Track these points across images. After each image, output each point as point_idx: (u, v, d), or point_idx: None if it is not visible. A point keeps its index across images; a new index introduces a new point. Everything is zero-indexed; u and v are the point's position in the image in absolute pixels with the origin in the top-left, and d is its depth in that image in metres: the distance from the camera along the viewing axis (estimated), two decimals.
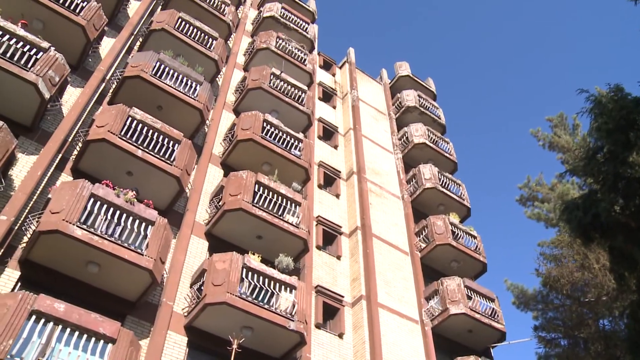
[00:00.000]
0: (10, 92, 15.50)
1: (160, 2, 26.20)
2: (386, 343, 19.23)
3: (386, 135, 30.62)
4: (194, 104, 19.37)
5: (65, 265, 14.13)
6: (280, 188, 18.94)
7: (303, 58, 27.49)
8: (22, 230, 14.24)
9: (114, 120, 16.58)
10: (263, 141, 20.49)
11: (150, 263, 14.18)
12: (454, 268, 24.26)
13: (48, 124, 16.87)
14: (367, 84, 33.81)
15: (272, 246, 18.31)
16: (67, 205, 13.74)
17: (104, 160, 16.57)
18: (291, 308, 16.09)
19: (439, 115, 33.57)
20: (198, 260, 17.19)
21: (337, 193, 24.66)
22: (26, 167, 15.37)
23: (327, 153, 26.49)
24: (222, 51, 23.38)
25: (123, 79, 19.03)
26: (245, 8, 31.18)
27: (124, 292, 14.81)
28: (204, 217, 18.54)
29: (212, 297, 15.08)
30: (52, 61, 16.26)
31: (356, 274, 21.30)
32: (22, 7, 17.85)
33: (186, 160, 17.37)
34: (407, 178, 27.99)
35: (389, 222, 24.79)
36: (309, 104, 24.56)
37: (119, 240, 14.09)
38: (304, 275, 19.19)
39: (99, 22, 19.50)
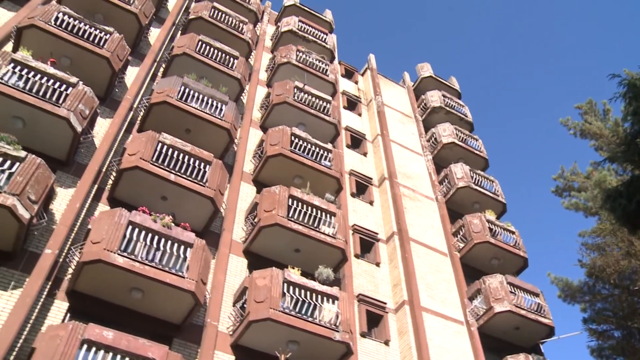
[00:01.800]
0: (45, 128, 15.90)
1: (179, 27, 26.65)
2: (433, 347, 19.05)
3: (414, 138, 30.51)
4: (221, 124, 19.57)
5: (110, 293, 14.35)
6: (313, 200, 18.97)
7: (324, 69, 27.60)
8: (66, 262, 14.55)
9: (144, 147, 16.83)
10: (292, 155, 20.57)
11: (192, 285, 14.29)
12: (495, 265, 23.97)
13: (82, 156, 17.22)
14: (390, 89, 33.76)
15: (310, 258, 18.32)
16: (107, 234, 13.97)
17: (139, 187, 16.81)
18: (335, 319, 16.05)
19: (466, 113, 33.33)
20: (238, 278, 17.28)
21: (370, 200, 24.61)
22: (65, 200, 15.68)
23: (357, 161, 26.48)
24: (244, 69, 23.60)
25: (150, 106, 19.33)
26: (263, 25, 31.45)
27: (168, 316, 14.96)
28: (241, 235, 18.66)
29: (255, 314, 15.14)
30: (82, 95, 16.64)
31: (397, 279, 21.18)
32: (50, 46, 18.39)
33: (218, 180, 17.52)
34: (439, 179, 27.82)
35: (425, 224, 24.64)
36: (334, 114, 24.61)
37: (159, 264, 14.25)
38: (345, 285, 19.15)
39: (123, 53, 19.88)
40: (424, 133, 31.12)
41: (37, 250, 14.09)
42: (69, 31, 18.78)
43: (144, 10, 22.58)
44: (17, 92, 15.45)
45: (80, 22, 19.23)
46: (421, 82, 35.60)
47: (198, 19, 25.53)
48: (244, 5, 29.31)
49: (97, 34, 19.33)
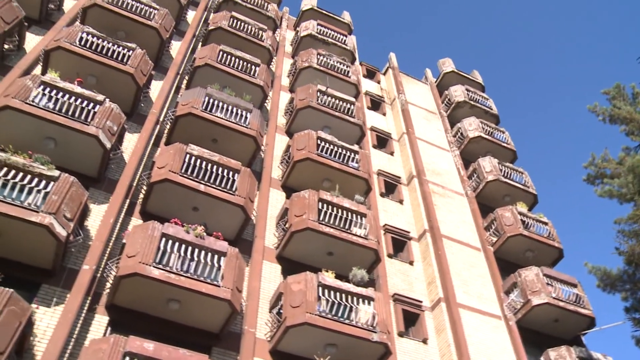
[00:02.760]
0: (76, 147, 16.21)
1: (200, 38, 26.91)
2: (472, 343, 18.88)
3: (440, 134, 30.35)
4: (247, 132, 19.70)
5: (148, 305, 14.54)
6: (343, 202, 18.98)
7: (346, 70, 27.61)
8: (104, 277, 14.79)
9: (173, 159, 17.03)
10: (320, 158, 20.62)
11: (227, 293, 14.40)
12: (530, 258, 23.68)
13: (113, 172, 17.48)
14: (413, 86, 33.63)
15: (343, 261, 18.32)
16: (142, 247, 14.17)
17: (169, 199, 17.00)
18: (372, 320, 16.03)
19: (490, 106, 33.06)
20: (273, 284, 17.36)
21: (400, 199, 24.53)
22: (99, 216, 15.94)
23: (384, 161, 26.43)
24: (266, 76, 23.73)
25: (176, 119, 19.55)
26: (282, 31, 31.59)
27: (206, 325, 15.09)
28: (273, 242, 18.74)
29: (292, 319, 15.19)
30: (109, 112, 16.92)
31: (431, 277, 21.06)
32: (76, 66, 18.76)
33: (248, 188, 17.63)
34: (467, 174, 27.62)
35: (456, 220, 24.48)
36: (359, 115, 24.61)
37: (194, 275, 14.39)
38: (380, 285, 19.11)
39: (146, 68, 20.16)
40: (450, 128, 30.94)
41: (76, 266, 14.35)
42: (93, 50, 19.12)
43: (164, 25, 22.85)
44: (47, 113, 15.80)
45: (104, 41, 19.55)
46: (444, 78, 35.40)
47: (218, 29, 25.74)
48: (262, 13, 29.47)
49: (120, 51, 19.64)
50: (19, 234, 13.23)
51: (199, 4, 29.30)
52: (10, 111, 15.44)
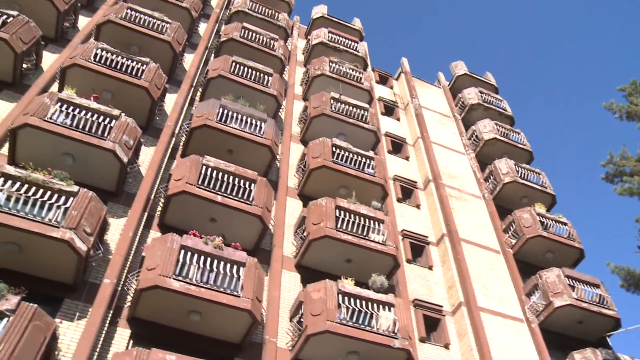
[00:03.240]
0: (93, 162, 16.36)
1: (212, 50, 27.09)
2: (494, 347, 18.73)
3: (455, 138, 30.26)
4: (262, 142, 19.77)
5: (169, 317, 14.59)
6: (360, 209, 18.96)
7: (359, 77, 27.66)
8: (125, 290, 14.87)
9: (189, 171, 17.12)
10: (335, 166, 20.63)
11: (248, 304, 14.41)
12: (550, 259, 23.48)
13: (130, 185, 17.60)
14: (426, 90, 33.59)
15: (362, 267, 18.28)
16: (161, 260, 14.23)
17: (187, 211, 17.08)
18: (393, 326, 15.96)
19: (505, 108, 32.93)
20: (293, 293, 17.36)
21: (417, 204, 24.47)
22: (118, 229, 16.05)
23: (400, 166, 26.39)
24: (279, 86, 23.82)
25: (191, 131, 19.66)
26: (294, 40, 31.73)
27: (228, 336, 15.10)
28: (292, 250, 18.75)
29: (313, 328, 15.17)
30: (125, 126, 17.06)
31: (451, 281, 20.94)
32: (92, 82, 18.97)
33: (264, 197, 17.67)
34: (484, 176, 27.51)
35: (474, 223, 24.35)
36: (373, 121, 24.62)
37: (214, 286, 14.41)
38: (399, 291, 19.04)
39: (160, 81, 20.32)
40: (465, 131, 30.85)
41: (97, 280, 14.45)
42: (107, 66, 19.32)
43: (176, 38, 23.04)
44: (65, 129, 15.98)
45: (118, 56, 19.76)
46: (456, 81, 35.34)
47: (229, 40, 25.90)
48: (273, 23, 29.61)
49: (134, 65, 19.83)
50: (40, 249, 13.38)
51: (210, 16, 29.51)
52: (29, 129, 15.65)
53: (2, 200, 13.24)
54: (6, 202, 13.25)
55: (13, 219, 12.96)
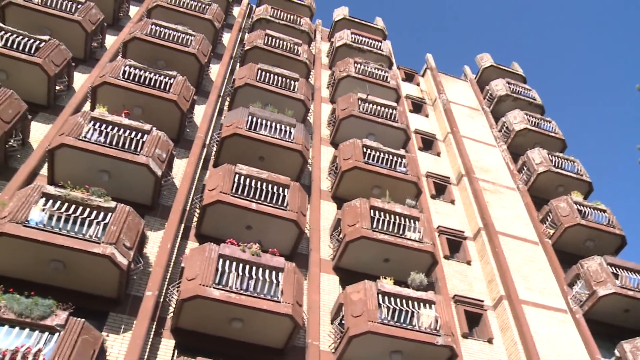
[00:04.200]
0: (128, 177, 16.66)
1: (237, 59, 27.35)
2: (539, 340, 18.47)
3: (485, 131, 30.00)
4: (292, 147, 19.87)
5: (212, 326, 14.75)
6: (395, 208, 18.91)
7: (385, 76, 27.62)
8: (166, 301, 15.07)
9: (222, 180, 17.29)
10: (367, 166, 20.63)
11: (288, 308, 14.48)
12: (590, 247, 23.06)
13: (165, 198, 17.85)
14: (453, 85, 33.38)
15: (400, 266, 18.21)
16: (200, 270, 14.39)
17: (223, 220, 17.24)
18: (434, 323, 15.86)
19: (534, 97, 32.56)
20: (332, 296, 17.38)
21: (451, 199, 24.31)
22: (156, 242, 16.30)
23: (432, 162, 26.26)
24: (306, 90, 23.91)
25: (222, 140, 19.86)
26: (317, 43, 31.83)
27: (270, 341, 15.19)
28: (329, 253, 18.79)
29: (355, 329, 15.16)
30: (157, 140, 17.33)
31: (490, 275, 20.74)
32: (122, 98, 19.35)
33: (299, 202, 17.74)
34: (517, 168, 27.22)
35: (510, 216, 24.10)
36: (402, 119, 24.56)
37: (254, 293, 14.51)
38: (439, 287, 18.93)
39: (188, 93, 20.59)
40: (495, 124, 30.57)
41: (139, 293, 14.70)
42: (136, 82, 19.69)
43: (201, 50, 23.32)
44: (99, 147, 16.34)
45: (145, 72, 20.09)
46: (483, 73, 35.06)
47: (254, 48, 26.10)
48: (295, 28, 29.75)
49: (162, 79, 20.14)
50: (84, 265, 13.69)
51: (233, 26, 29.80)
52: (66, 149, 16.03)
53: (45, 219, 13.61)
54: (49, 221, 13.63)
55: (56, 237, 13.32)
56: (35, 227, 13.35)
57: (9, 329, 11.36)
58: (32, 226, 13.34)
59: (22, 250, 13.33)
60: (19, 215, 13.36)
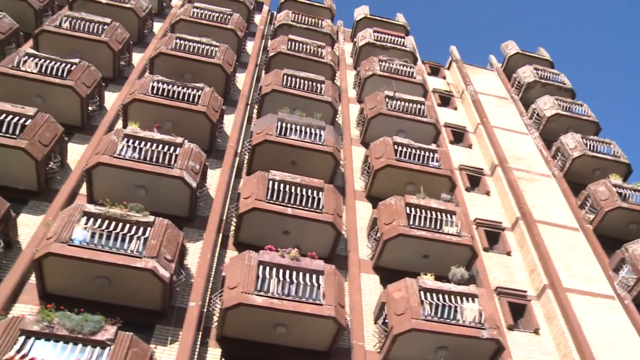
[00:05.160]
0: (164, 190, 16.93)
1: (262, 66, 27.55)
2: (587, 328, 18.13)
3: (516, 119, 29.70)
4: (324, 150, 19.93)
5: (256, 332, 14.87)
6: (430, 203, 18.82)
7: (410, 72, 27.54)
8: (210, 311, 15.24)
9: (257, 187, 17.42)
10: (399, 163, 20.58)
11: (331, 311, 14.51)
12: (634, 230, 22.56)
13: (202, 209, 18.07)
14: (479, 75, 33.10)
15: (440, 261, 18.08)
16: (241, 277, 14.53)
17: (260, 227, 17.37)
18: (479, 317, 15.71)
19: (563, 81, 32.16)
20: (374, 295, 17.35)
21: (486, 191, 24.09)
22: (196, 253, 16.50)
23: (464, 155, 26.07)
24: (333, 92, 23.97)
25: (253, 148, 20.02)
26: (340, 44, 31.87)
27: (315, 344, 15.24)
28: (367, 253, 18.77)
29: (398, 328, 15.11)
30: (189, 152, 17.57)
31: (532, 265, 20.46)
32: (153, 114, 19.70)
33: (334, 204, 17.78)
34: (551, 154, 26.89)
35: (547, 203, 23.78)
36: (431, 114, 24.46)
37: (296, 297, 14.59)
38: (480, 280, 18.76)
39: (217, 104, 20.82)
40: (525, 111, 30.26)
41: (183, 304, 14.89)
42: (165, 96, 20.03)
43: (226, 60, 23.57)
44: (134, 163, 16.67)
45: (173, 86, 20.41)
46: (509, 61, 34.76)
47: (278, 54, 26.27)
48: (317, 31, 29.85)
49: (190, 92, 20.42)
50: (127, 280, 13.95)
51: (255, 34, 30.02)
52: (102, 167, 16.38)
53: (88, 237, 13.92)
54: (91, 239, 13.95)
55: (100, 254, 13.64)
56: (79, 246, 13.70)
57: (63, 344, 11.73)
58: (76, 245, 13.70)
59: (68, 268, 13.68)
60: (63, 235, 13.72)
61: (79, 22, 23.09)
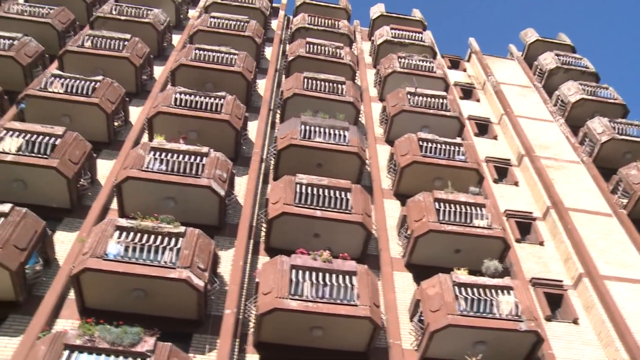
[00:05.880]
0: (193, 200, 17.11)
1: (282, 71, 27.66)
2: (629, 315, 17.77)
3: (540, 107, 29.43)
4: (349, 150, 19.96)
5: (293, 336, 14.92)
6: (459, 197, 18.71)
7: (430, 67, 27.44)
8: (246, 317, 15.33)
9: (284, 192, 17.50)
10: (425, 159, 20.52)
11: (366, 311, 14.50)
12: None
13: (231, 217, 18.19)
14: (500, 65, 32.85)
15: (472, 255, 17.94)
16: (275, 282, 14.61)
17: (290, 231, 17.43)
18: (515, 309, 15.56)
19: (586, 65, 31.78)
20: (408, 293, 17.28)
21: (514, 181, 23.86)
22: (228, 261, 16.62)
23: (490, 146, 25.88)
24: (354, 92, 23.97)
25: (278, 153, 20.12)
26: (358, 44, 31.88)
27: (353, 346, 15.22)
28: (399, 251, 18.72)
29: (435, 324, 15.04)
30: (216, 161, 17.72)
31: (566, 254, 20.19)
32: (177, 125, 19.92)
33: (362, 204, 17.78)
34: (578, 140, 26.56)
35: (578, 190, 23.48)
36: (454, 107, 24.34)
37: (330, 299, 14.62)
38: (514, 272, 18.58)
39: (239, 111, 20.97)
40: (549, 99, 29.97)
41: (218, 312, 15.01)
42: (188, 107, 20.22)
43: (246, 67, 23.73)
44: (162, 175, 16.89)
45: (195, 96, 20.60)
46: (529, 49, 34.46)
47: (297, 58, 26.36)
48: (335, 32, 29.90)
49: (212, 101, 20.60)
50: (163, 291, 14.14)
51: (273, 39, 30.13)
52: (131, 181, 16.62)
53: (122, 251, 14.13)
54: (125, 252, 14.15)
55: (134, 267, 13.86)
56: (114, 260, 13.93)
57: (105, 357, 11.99)
58: (110, 259, 13.93)
59: (105, 282, 13.92)
60: (98, 250, 13.97)
61: (100, 40, 23.52)
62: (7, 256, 13.56)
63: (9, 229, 14.02)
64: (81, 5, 28.57)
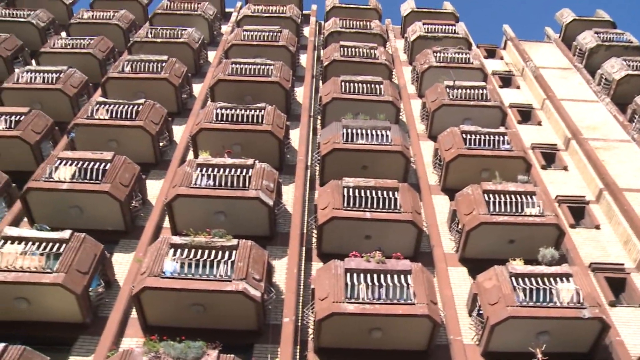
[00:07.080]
0: (243, 212, 17.38)
1: (318, 77, 27.79)
2: None
3: (583, 88, 28.80)
4: (393, 149, 19.94)
5: (353, 340, 14.93)
6: (508, 187, 18.45)
7: (466, 58, 27.21)
8: (304, 324, 15.44)
9: (332, 197, 17.58)
10: (470, 151, 20.33)
11: (424, 309, 14.42)
12: None
13: (282, 226, 18.38)
14: (538, 50, 32.31)
15: (526, 245, 17.65)
16: (330, 287, 14.66)
17: (341, 235, 17.48)
18: (576, 296, 15.22)
19: (629, 40, 31.05)
20: (464, 288, 17.11)
21: (563, 166, 23.38)
22: (282, 269, 16.78)
23: (534, 133, 25.44)
24: (392, 91, 23.93)
25: (322, 158, 20.23)
26: (392, 42, 31.83)
27: (413, 344, 15.15)
28: (451, 246, 18.57)
29: (494, 317, 14.84)
30: (261, 172, 17.93)
31: (625, 235, 19.65)
32: (220, 140, 20.27)
33: (411, 202, 17.72)
34: (627, 118, 25.83)
35: (631, 169, 22.89)
36: (494, 97, 24.06)
37: (387, 300, 14.58)
38: (572, 258, 18.19)
39: (281, 121, 21.18)
40: (591, 79, 29.31)
41: (277, 321, 15.17)
42: (230, 121, 20.55)
43: (283, 76, 23.96)
44: (210, 190, 17.19)
45: (236, 109, 20.95)
46: (567, 30, 33.83)
47: (332, 62, 26.47)
48: (367, 33, 29.93)
49: (253, 113, 20.89)
50: (221, 304, 14.38)
51: (307, 46, 30.32)
52: (181, 199, 16.98)
53: (178, 268, 14.43)
54: (181, 269, 14.45)
55: (191, 282, 14.16)
56: (171, 277, 14.23)
57: None
58: (168, 276, 14.24)
59: (164, 299, 14.25)
60: (155, 269, 14.32)
61: (138, 63, 24.18)
62: (72, 281, 14.08)
63: (71, 254, 14.55)
64: (118, 33, 29.40)
